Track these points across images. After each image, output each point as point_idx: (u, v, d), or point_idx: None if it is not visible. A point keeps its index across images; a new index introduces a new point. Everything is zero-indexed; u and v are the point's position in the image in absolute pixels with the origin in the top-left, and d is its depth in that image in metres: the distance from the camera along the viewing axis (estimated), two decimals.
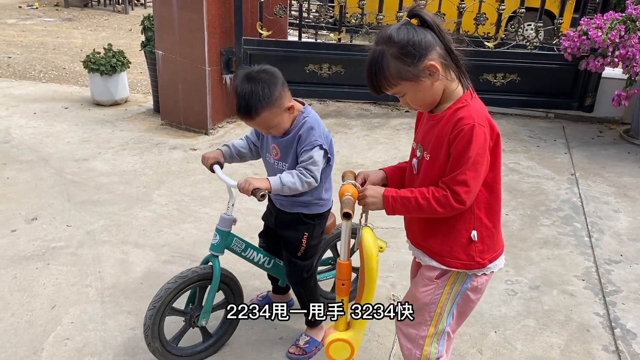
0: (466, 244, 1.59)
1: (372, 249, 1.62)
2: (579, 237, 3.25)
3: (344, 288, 1.73)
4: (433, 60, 1.47)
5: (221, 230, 2.09)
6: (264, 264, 2.28)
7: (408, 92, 1.53)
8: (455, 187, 1.49)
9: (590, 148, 4.69)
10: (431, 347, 1.73)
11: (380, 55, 1.48)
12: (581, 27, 4.57)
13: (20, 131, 4.72)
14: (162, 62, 4.84)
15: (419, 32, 1.46)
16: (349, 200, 1.59)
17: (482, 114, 1.50)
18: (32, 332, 2.35)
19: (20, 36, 9.29)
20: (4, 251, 2.93)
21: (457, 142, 1.47)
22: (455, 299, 1.69)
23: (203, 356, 2.23)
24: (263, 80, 1.89)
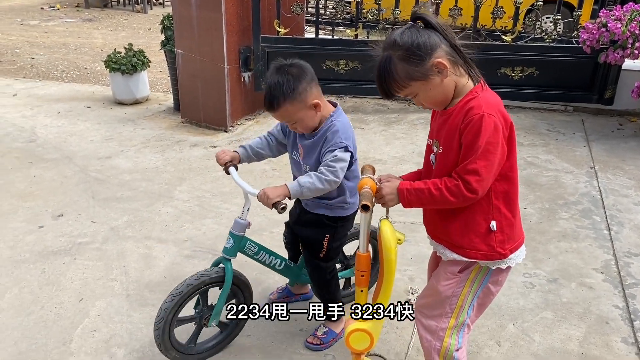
0: (486, 235, 1.62)
1: (391, 240, 1.65)
2: (598, 230, 3.24)
3: (364, 279, 1.76)
4: (440, 58, 1.51)
5: (235, 235, 2.12)
6: (276, 265, 2.30)
7: (419, 92, 1.58)
8: (466, 176, 1.51)
9: (609, 141, 4.65)
10: (451, 339, 1.75)
11: (388, 59, 1.53)
12: (600, 19, 4.53)
13: (45, 130, 4.84)
14: (181, 61, 4.92)
15: (423, 33, 1.51)
16: (367, 193, 1.63)
17: (493, 104, 1.52)
18: (61, 324, 2.43)
19: (43, 37, 9.47)
20: (33, 246, 3.03)
21: (467, 132, 1.50)
22: (477, 292, 1.71)
23: (215, 351, 2.28)
24: (290, 73, 1.93)
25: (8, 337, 2.34)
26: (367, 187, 1.65)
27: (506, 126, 1.53)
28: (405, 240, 3.07)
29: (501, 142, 1.51)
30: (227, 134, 4.81)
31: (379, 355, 2.25)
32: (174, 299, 2.06)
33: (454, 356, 1.76)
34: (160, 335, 2.06)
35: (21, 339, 2.34)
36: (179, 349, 2.15)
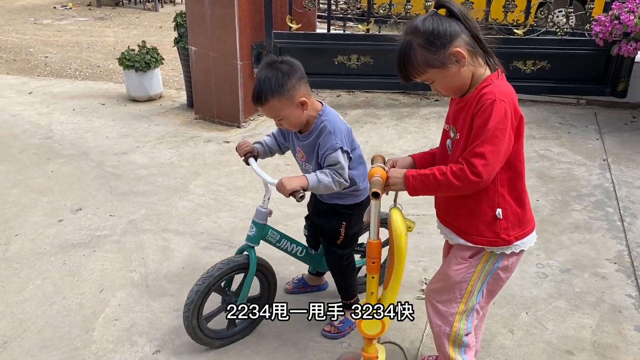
0: (491, 222, 1.65)
1: (401, 228, 1.69)
2: (611, 221, 3.26)
3: (375, 266, 1.80)
4: (459, 47, 1.53)
5: (257, 223, 2.18)
6: (297, 253, 2.37)
7: (436, 79, 1.61)
8: (472, 159, 1.53)
9: (623, 134, 4.65)
10: (460, 324, 1.79)
11: (408, 45, 1.56)
12: (613, 12, 4.52)
13: (61, 127, 4.92)
14: (194, 58, 4.97)
15: (445, 22, 1.53)
16: (377, 181, 1.66)
17: (506, 91, 1.55)
18: (83, 314, 2.50)
19: (56, 36, 9.58)
20: (53, 239, 3.09)
21: (478, 116, 1.53)
22: (487, 278, 1.75)
23: (228, 341, 2.32)
24: (280, 69, 1.96)
25: (33, 326, 2.41)
26: (377, 176, 1.68)
27: (516, 116, 1.56)
28: (418, 232, 3.13)
29: (509, 130, 1.53)
30: (240, 129, 4.86)
31: (394, 342, 2.29)
32: (205, 281, 2.12)
33: (463, 340, 1.80)
34: (189, 317, 2.13)
35: (45, 327, 2.41)
36: (199, 323, 2.20)
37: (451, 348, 1.82)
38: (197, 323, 2.18)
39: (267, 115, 2.08)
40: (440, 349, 1.88)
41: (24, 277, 2.76)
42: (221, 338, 2.30)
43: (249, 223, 3.15)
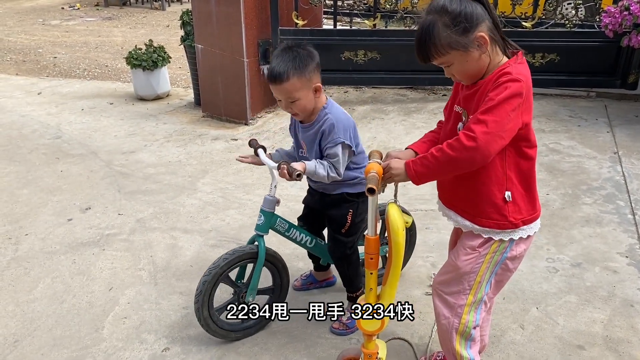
0: (501, 205, 1.63)
1: (398, 223, 1.67)
2: (622, 214, 3.22)
3: (373, 262, 1.79)
4: (483, 32, 1.52)
5: (265, 211, 2.19)
6: (306, 243, 2.37)
7: (455, 62, 1.57)
8: (473, 124, 1.49)
9: (633, 126, 4.59)
10: (469, 316, 1.77)
11: (432, 24, 1.53)
12: (622, 3, 4.46)
13: (70, 127, 4.95)
14: (201, 56, 4.98)
15: (471, 4, 1.52)
16: (373, 177, 1.65)
17: (524, 75, 1.52)
18: (93, 312, 2.51)
19: (64, 36, 9.64)
20: (63, 238, 3.11)
21: (492, 90, 1.50)
22: (495, 268, 1.73)
23: (244, 334, 2.33)
24: (300, 53, 2.00)
25: (43, 324, 2.43)
26: (373, 171, 1.67)
27: (528, 99, 1.53)
28: (426, 227, 3.11)
29: (517, 111, 1.49)
30: (247, 127, 4.86)
31: (402, 338, 2.28)
32: (211, 272, 2.14)
33: (471, 333, 1.78)
34: (200, 308, 2.15)
35: (55, 325, 2.42)
36: (210, 313, 2.21)
37: (458, 342, 1.80)
38: (209, 314, 2.19)
39: (281, 96, 2.05)
40: (445, 343, 1.87)
41: (34, 276, 2.77)
42: (236, 331, 2.31)
43: (256, 220, 3.19)
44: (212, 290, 2.17)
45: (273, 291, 2.38)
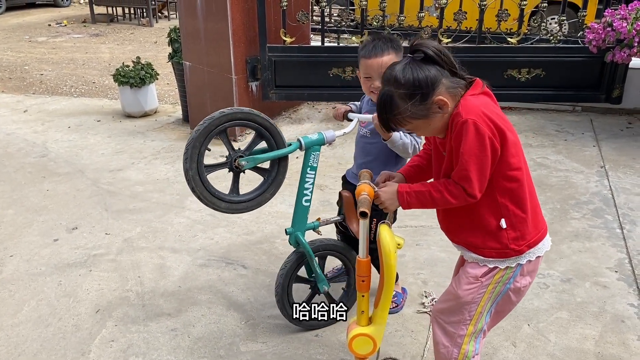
0: (496, 232, 1.62)
1: (390, 245, 1.66)
2: (611, 229, 3.24)
3: (364, 284, 1.78)
4: (441, 95, 1.51)
5: (322, 134, 2.21)
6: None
7: (420, 128, 1.60)
8: (461, 182, 1.54)
9: (619, 140, 4.64)
10: (469, 346, 1.74)
11: (389, 97, 1.54)
12: (605, 19, 4.53)
13: (56, 145, 4.90)
14: (189, 73, 4.97)
15: (423, 69, 1.50)
16: (365, 200, 1.65)
17: (473, 106, 1.51)
18: (79, 335, 2.46)
19: (51, 53, 9.60)
20: (49, 259, 3.06)
21: (453, 139, 1.52)
22: (497, 298, 1.71)
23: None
24: (393, 38, 2.21)
25: (28, 349, 2.37)
26: (364, 194, 1.67)
27: (493, 125, 1.51)
28: (417, 244, 3.10)
29: (489, 143, 1.49)
30: (236, 143, 4.84)
31: (395, 358, 2.26)
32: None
33: None
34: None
35: (40, 350, 2.37)
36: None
37: None
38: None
39: (374, 72, 2.15)
40: None
41: (18, 299, 2.72)
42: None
43: (246, 238, 3.18)
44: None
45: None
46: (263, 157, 2.16)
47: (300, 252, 2.31)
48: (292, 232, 2.28)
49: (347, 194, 2.21)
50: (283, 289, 2.32)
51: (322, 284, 2.35)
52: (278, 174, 2.24)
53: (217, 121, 2.07)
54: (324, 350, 2.33)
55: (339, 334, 2.40)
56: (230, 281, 2.83)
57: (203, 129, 2.05)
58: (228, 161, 2.15)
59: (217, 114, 2.07)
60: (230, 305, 2.63)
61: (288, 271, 2.31)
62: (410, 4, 5.03)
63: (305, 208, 2.27)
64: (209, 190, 2.11)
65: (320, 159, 4.08)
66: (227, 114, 2.08)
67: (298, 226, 2.28)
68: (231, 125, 2.12)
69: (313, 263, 2.31)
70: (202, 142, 2.06)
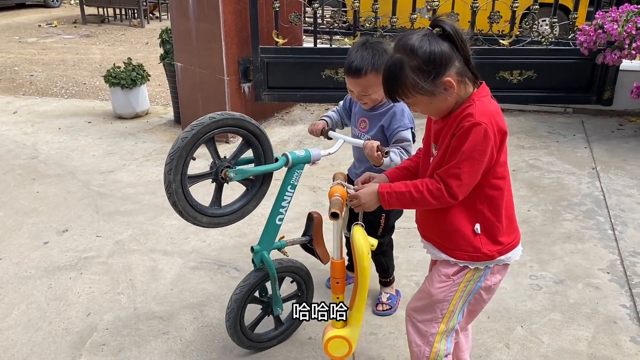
0: (471, 237, 1.62)
1: (364, 247, 1.66)
2: (603, 230, 3.25)
3: (339, 286, 1.77)
4: (450, 77, 1.49)
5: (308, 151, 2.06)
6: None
7: (421, 104, 1.57)
8: (448, 179, 1.52)
9: (610, 141, 4.67)
10: (440, 344, 1.75)
11: (400, 65, 1.50)
12: (596, 21, 4.56)
13: (46, 146, 4.86)
14: (181, 74, 4.94)
15: (440, 44, 1.47)
16: (337, 201, 1.64)
17: (488, 112, 1.50)
18: (70, 339, 2.43)
19: (41, 54, 9.52)
20: (39, 262, 3.03)
21: (457, 137, 1.50)
22: (468, 297, 1.72)
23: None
24: (379, 50, 2.06)
25: (18, 353, 2.34)
26: (337, 195, 1.66)
27: (499, 135, 1.52)
28: (410, 246, 3.09)
29: (490, 151, 1.50)
30: (228, 144, 4.82)
31: None
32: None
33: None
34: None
35: (30, 354, 2.34)
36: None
37: None
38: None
39: (355, 89, 2.13)
40: None
41: (8, 303, 2.68)
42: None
43: (239, 241, 3.16)
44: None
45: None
46: (251, 171, 2.01)
47: (260, 273, 2.15)
48: (259, 250, 2.12)
49: (316, 214, 2.18)
50: (236, 315, 2.15)
51: (277, 307, 2.25)
52: (262, 185, 2.12)
53: (207, 128, 1.87)
54: (317, 353, 2.32)
55: None
56: (222, 284, 2.81)
57: (191, 136, 1.84)
58: (213, 171, 1.97)
59: (206, 119, 1.87)
60: (223, 308, 2.60)
61: (244, 295, 2.14)
62: (403, 5, 5.04)
63: (277, 227, 2.11)
64: (192, 204, 1.92)
65: None
66: (217, 120, 1.89)
67: (266, 244, 2.12)
68: (221, 132, 1.94)
69: (275, 285, 2.19)
70: (188, 151, 1.84)
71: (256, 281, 2.15)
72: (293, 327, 2.41)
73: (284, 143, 4.86)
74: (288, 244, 2.21)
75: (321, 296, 2.66)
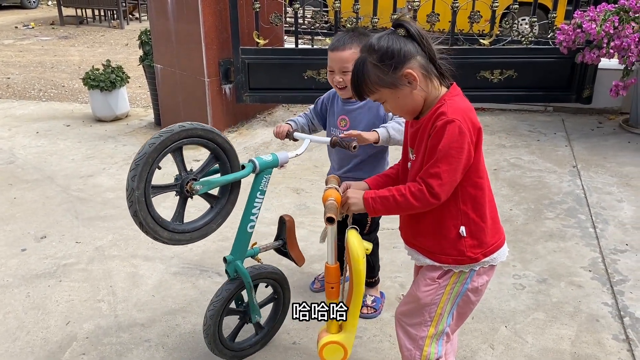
0: (455, 240, 1.62)
1: (359, 250, 1.64)
2: (584, 228, 3.27)
3: (334, 291, 1.75)
4: (411, 69, 1.51)
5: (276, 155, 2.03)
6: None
7: (388, 99, 1.58)
8: (429, 179, 1.52)
9: (590, 139, 4.72)
10: (431, 348, 1.74)
11: (362, 62, 1.55)
12: (575, 20, 4.60)
13: (24, 151, 4.77)
14: (161, 76, 4.89)
15: (401, 41, 1.51)
16: (332, 205, 1.62)
17: (460, 109, 1.52)
18: (49, 349, 2.38)
19: (18, 56, 9.36)
20: (16, 270, 2.96)
21: (433, 136, 1.51)
22: (456, 299, 1.71)
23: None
24: (361, 32, 2.14)
25: None
26: (331, 199, 1.64)
27: (474, 131, 1.52)
28: (394, 247, 3.09)
29: (467, 148, 1.50)
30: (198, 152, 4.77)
31: None
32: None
33: None
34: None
35: None
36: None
37: None
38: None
39: (336, 65, 2.13)
40: None
41: None
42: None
43: (221, 245, 3.12)
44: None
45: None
46: (218, 180, 1.91)
47: (232, 285, 2.09)
48: (232, 260, 2.06)
49: (288, 217, 2.16)
50: (214, 331, 2.09)
51: (255, 314, 2.20)
52: (227, 203, 2.04)
53: (176, 136, 1.79)
54: (302, 358, 2.30)
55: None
56: (205, 289, 2.77)
57: (159, 143, 1.75)
58: (178, 183, 1.87)
59: (176, 127, 1.81)
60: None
61: (219, 310, 2.07)
62: (384, 5, 5.04)
63: (249, 235, 2.05)
64: (153, 216, 1.81)
65: (296, 162, 4.06)
66: (187, 129, 1.82)
67: (239, 254, 2.06)
68: (189, 143, 1.86)
69: (251, 293, 2.14)
70: (155, 158, 1.76)
71: (228, 294, 2.09)
72: (274, 329, 2.38)
73: (266, 145, 4.83)
74: (261, 250, 2.17)
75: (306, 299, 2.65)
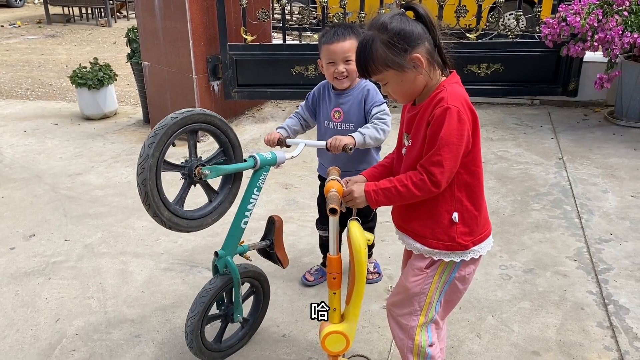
0: (448, 226, 1.63)
1: (361, 242, 1.66)
2: (569, 219, 3.32)
3: (336, 282, 1.77)
4: (419, 53, 1.52)
5: (274, 153, 2.07)
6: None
7: (391, 81, 1.58)
8: (430, 167, 1.53)
9: (576, 132, 4.77)
10: (421, 336, 1.77)
11: (371, 40, 1.53)
12: (560, 14, 4.64)
13: (11, 150, 4.74)
14: (149, 73, 4.87)
15: (411, 24, 1.52)
16: (334, 196, 1.64)
17: (459, 95, 1.53)
18: (39, 347, 2.38)
19: (5, 55, 9.29)
20: (5, 269, 2.96)
21: (432, 123, 1.52)
22: (444, 287, 1.73)
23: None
24: (356, 26, 2.24)
25: None
26: (334, 190, 1.65)
27: (472, 118, 1.55)
28: (382, 240, 3.12)
29: (466, 134, 1.52)
30: (199, 143, 4.77)
31: (362, 355, 2.27)
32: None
33: (427, 352, 1.78)
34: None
35: None
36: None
37: None
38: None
39: (337, 57, 2.21)
40: None
41: None
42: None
43: (211, 241, 3.14)
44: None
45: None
46: (226, 168, 2.00)
47: (222, 280, 2.09)
48: (224, 255, 2.07)
49: (278, 218, 2.17)
50: (198, 343, 2.09)
51: (237, 313, 2.19)
52: (225, 200, 2.10)
53: (196, 117, 1.93)
54: (292, 350, 2.32)
55: (306, 333, 2.40)
56: (194, 285, 2.78)
57: (181, 118, 1.89)
58: (187, 166, 1.94)
59: (198, 110, 1.97)
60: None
61: (197, 322, 2.06)
62: (371, 1, 5.05)
63: (242, 231, 2.08)
64: (159, 189, 1.86)
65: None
66: (207, 115, 1.98)
67: (230, 249, 2.07)
68: (206, 129, 1.99)
69: (238, 290, 2.13)
70: (174, 131, 1.88)
71: (213, 294, 2.08)
72: (259, 319, 2.39)
73: (255, 141, 4.84)
74: (250, 249, 2.18)
75: (295, 292, 2.68)
